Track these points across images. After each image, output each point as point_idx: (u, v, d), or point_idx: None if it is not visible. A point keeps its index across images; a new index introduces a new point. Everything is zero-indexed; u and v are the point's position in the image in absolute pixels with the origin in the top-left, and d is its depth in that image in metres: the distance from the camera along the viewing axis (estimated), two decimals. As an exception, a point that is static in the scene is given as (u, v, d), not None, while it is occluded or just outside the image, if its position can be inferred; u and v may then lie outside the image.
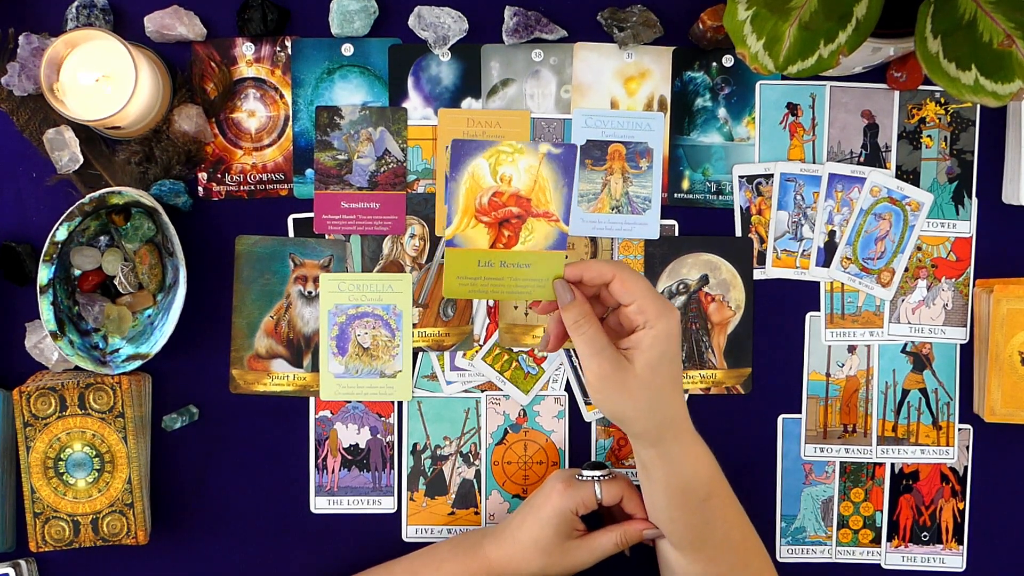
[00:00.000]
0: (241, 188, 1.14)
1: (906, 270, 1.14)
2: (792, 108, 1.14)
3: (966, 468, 1.16)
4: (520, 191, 0.96)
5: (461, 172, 0.96)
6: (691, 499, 0.99)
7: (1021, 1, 0.86)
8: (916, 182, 1.14)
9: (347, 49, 1.13)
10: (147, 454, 1.13)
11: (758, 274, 1.15)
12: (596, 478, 1.05)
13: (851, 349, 1.15)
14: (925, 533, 1.16)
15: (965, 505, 1.16)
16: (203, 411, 1.15)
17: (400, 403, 1.15)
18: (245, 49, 1.13)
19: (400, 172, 1.14)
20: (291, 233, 1.14)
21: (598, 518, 1.09)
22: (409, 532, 1.16)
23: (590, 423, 1.16)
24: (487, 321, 1.15)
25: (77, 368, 1.11)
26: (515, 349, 1.15)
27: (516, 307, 1.14)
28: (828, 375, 1.15)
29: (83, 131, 1.11)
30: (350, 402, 1.15)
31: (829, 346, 1.15)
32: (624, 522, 1.06)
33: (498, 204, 0.96)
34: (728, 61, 1.14)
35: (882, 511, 1.16)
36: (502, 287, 0.99)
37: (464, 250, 0.97)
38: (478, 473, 1.16)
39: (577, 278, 0.97)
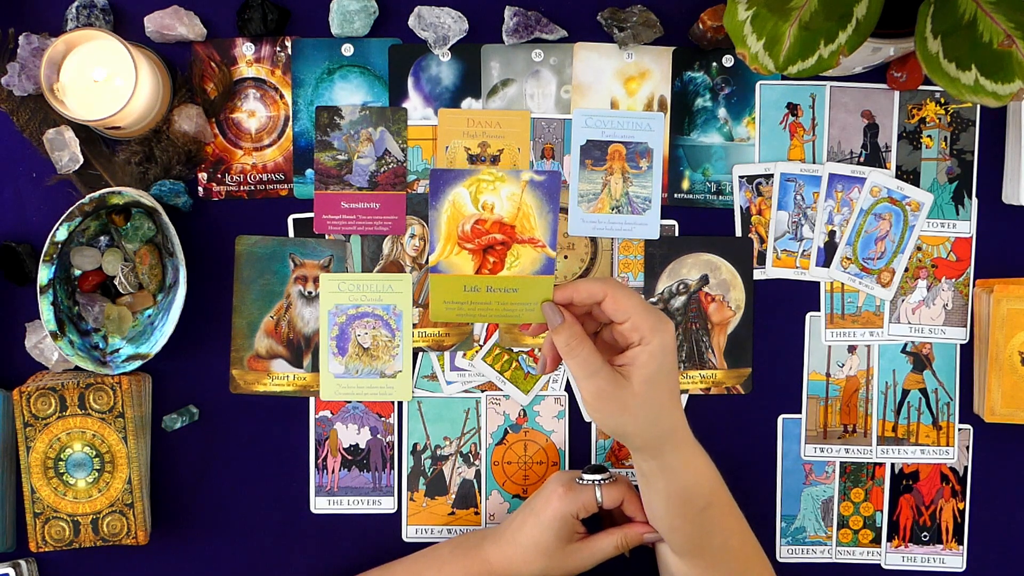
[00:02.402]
0: (241, 188, 1.14)
1: (906, 270, 1.14)
2: (792, 108, 1.14)
3: (966, 468, 1.16)
4: (503, 218, 0.95)
5: (441, 201, 0.95)
6: (691, 508, 0.99)
7: (1021, 1, 0.86)
8: (916, 182, 1.14)
9: (347, 49, 1.13)
10: (147, 454, 1.13)
11: (758, 274, 1.15)
12: (597, 482, 1.05)
13: (851, 349, 1.15)
14: (925, 533, 1.16)
15: (965, 505, 1.16)
16: (203, 411, 1.15)
17: (400, 403, 1.15)
18: (245, 49, 1.13)
19: (400, 172, 1.14)
20: (291, 233, 1.14)
21: (598, 518, 1.09)
22: (409, 532, 1.16)
23: (590, 423, 1.16)
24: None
25: (77, 368, 1.11)
26: (515, 349, 1.15)
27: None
28: (828, 375, 1.15)
29: (83, 131, 1.11)
30: (350, 402, 1.15)
31: (829, 346, 1.15)
32: (625, 525, 1.06)
33: (481, 231, 0.96)
34: (728, 61, 1.14)
35: (882, 511, 1.16)
36: (489, 311, 0.98)
37: (449, 276, 0.97)
38: (478, 473, 1.16)
39: (567, 300, 0.96)
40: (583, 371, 0.95)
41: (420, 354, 1.15)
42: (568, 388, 1.15)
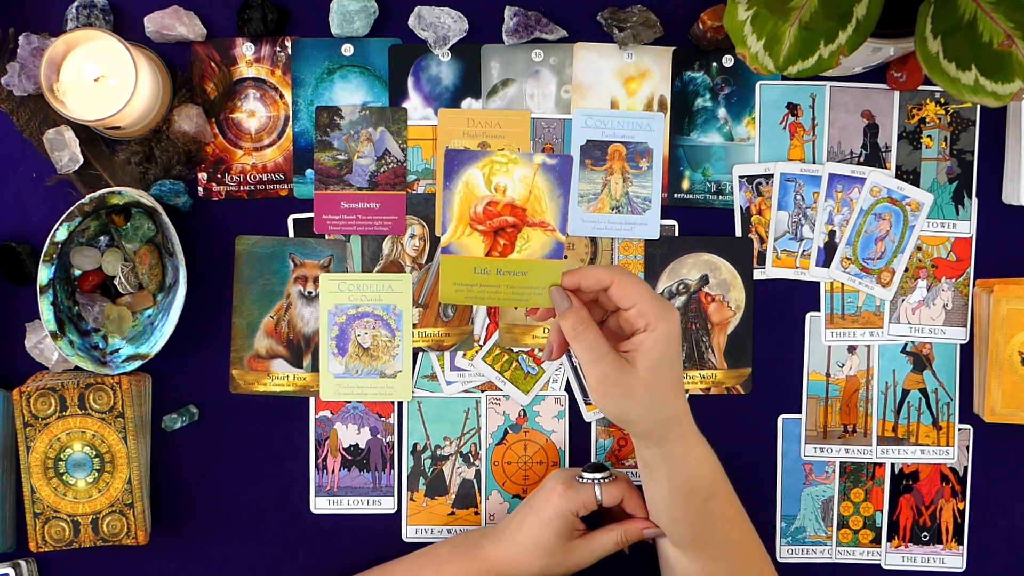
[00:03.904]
0: (241, 188, 1.14)
1: (906, 270, 1.14)
2: (792, 108, 1.14)
3: (966, 468, 1.16)
4: (515, 201, 0.96)
5: (455, 181, 0.96)
6: (694, 499, 0.99)
7: (1021, 1, 0.86)
8: (916, 182, 1.14)
9: (347, 49, 1.13)
10: (147, 454, 1.13)
11: (758, 274, 1.15)
12: (596, 480, 1.05)
13: (851, 349, 1.15)
14: (925, 533, 1.16)
15: (965, 505, 1.16)
16: (203, 411, 1.15)
17: (400, 403, 1.15)
18: (245, 49, 1.13)
19: (400, 172, 1.14)
20: (291, 233, 1.14)
21: (597, 515, 1.09)
22: (409, 532, 1.16)
23: (590, 423, 1.16)
24: (487, 321, 1.15)
25: (77, 368, 1.11)
26: (515, 349, 1.15)
27: (516, 307, 1.14)
28: (828, 375, 1.15)
29: (83, 131, 1.11)
30: (350, 402, 1.15)
31: (829, 346, 1.15)
32: (625, 521, 1.06)
33: (493, 213, 0.96)
34: (728, 61, 1.14)
35: (882, 511, 1.16)
36: (499, 294, 0.98)
37: (460, 257, 0.97)
38: (478, 473, 1.16)
39: (575, 286, 0.97)
40: (589, 356, 0.95)
41: (420, 354, 1.15)
42: (568, 388, 1.15)
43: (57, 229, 1.06)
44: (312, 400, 1.15)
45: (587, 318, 0.96)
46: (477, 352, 1.15)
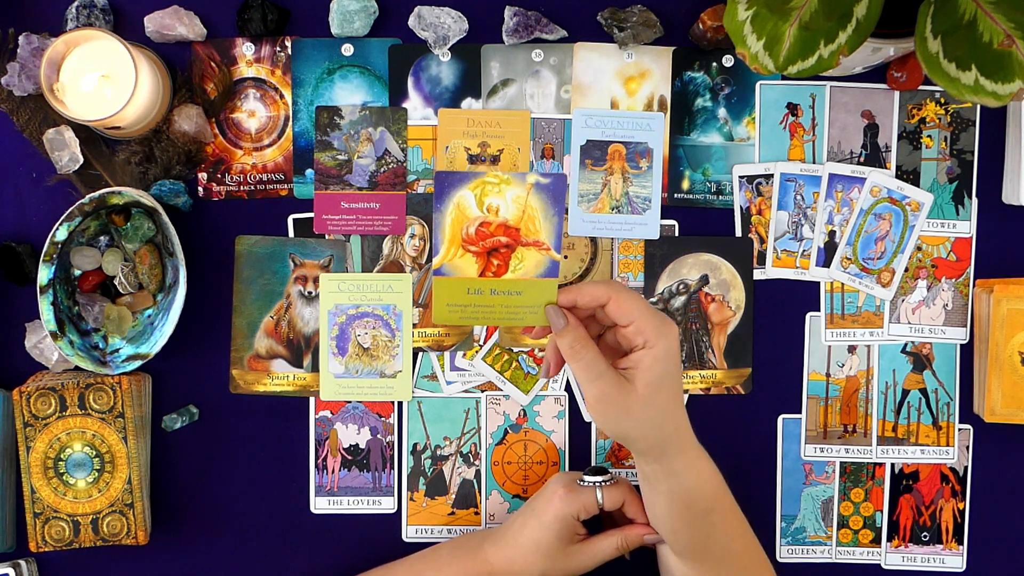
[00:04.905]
0: (241, 188, 1.14)
1: (906, 270, 1.14)
2: (792, 108, 1.14)
3: (966, 468, 1.16)
4: (508, 221, 0.95)
5: (446, 203, 0.95)
6: (693, 512, 0.99)
7: (1021, 1, 0.86)
8: (916, 182, 1.14)
9: (347, 49, 1.13)
10: (147, 454, 1.13)
11: (758, 274, 1.15)
12: (598, 484, 1.05)
13: (851, 349, 1.15)
14: (925, 533, 1.16)
15: (965, 505, 1.16)
16: (203, 411, 1.15)
17: (400, 403, 1.15)
18: (245, 49, 1.13)
19: (400, 172, 1.14)
20: (291, 233, 1.14)
21: (598, 519, 1.09)
22: (409, 532, 1.16)
23: (590, 423, 1.16)
24: (487, 321, 1.15)
25: (77, 368, 1.11)
26: (515, 349, 1.15)
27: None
28: (828, 375, 1.15)
29: (83, 131, 1.11)
30: (350, 402, 1.15)
31: (829, 346, 1.15)
32: (625, 527, 1.06)
33: (485, 234, 0.95)
34: (728, 61, 1.14)
35: (882, 511, 1.16)
36: (493, 314, 0.98)
37: (452, 279, 0.97)
38: (478, 473, 1.16)
39: (571, 303, 0.96)
40: (587, 375, 0.94)
41: (420, 354, 1.15)
42: (568, 388, 1.15)
43: (57, 229, 1.06)
44: (312, 400, 1.15)
45: (584, 336, 0.95)
46: (477, 352, 1.15)
